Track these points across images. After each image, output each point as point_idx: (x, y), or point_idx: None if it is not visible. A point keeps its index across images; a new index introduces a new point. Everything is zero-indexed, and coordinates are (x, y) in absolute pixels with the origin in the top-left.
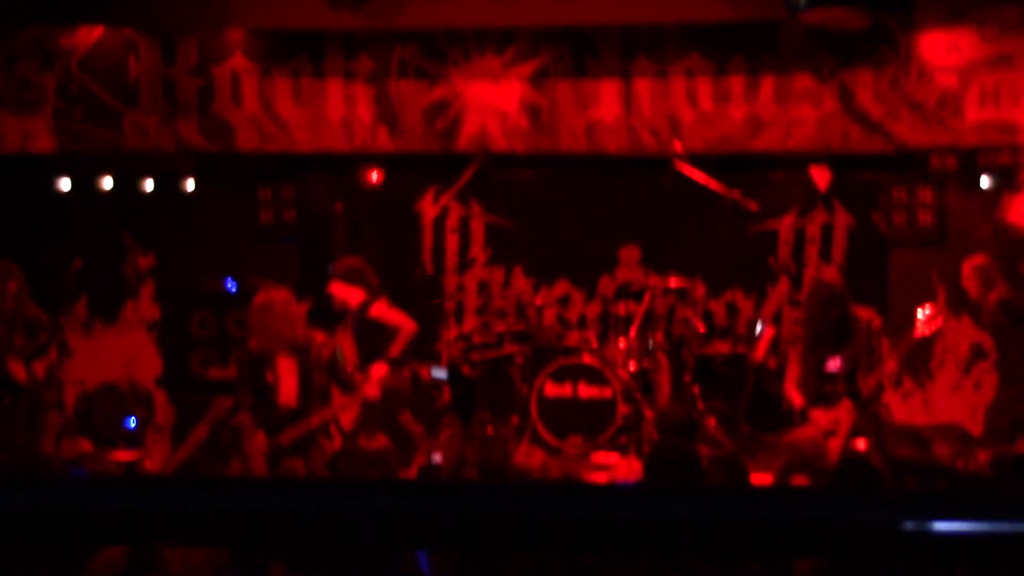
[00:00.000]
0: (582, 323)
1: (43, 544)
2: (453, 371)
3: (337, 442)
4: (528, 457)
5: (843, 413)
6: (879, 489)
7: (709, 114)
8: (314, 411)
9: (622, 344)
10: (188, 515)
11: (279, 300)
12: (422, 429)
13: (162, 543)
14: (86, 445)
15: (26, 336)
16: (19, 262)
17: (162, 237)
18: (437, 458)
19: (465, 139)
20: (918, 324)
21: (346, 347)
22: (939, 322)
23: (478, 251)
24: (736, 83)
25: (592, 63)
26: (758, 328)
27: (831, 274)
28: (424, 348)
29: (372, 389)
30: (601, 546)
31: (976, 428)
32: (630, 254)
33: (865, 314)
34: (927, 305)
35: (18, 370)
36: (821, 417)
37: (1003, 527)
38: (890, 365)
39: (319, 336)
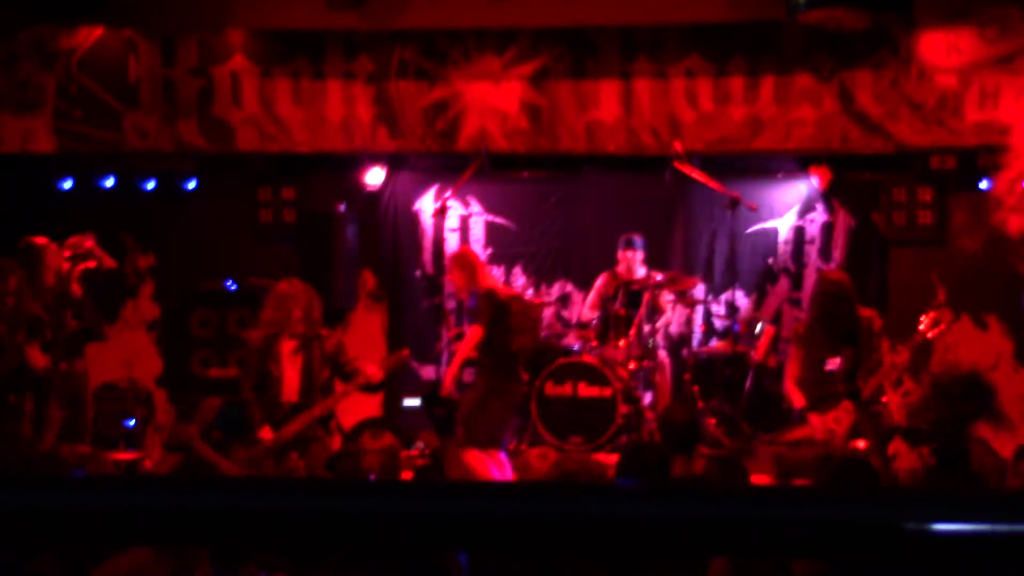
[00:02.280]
0: (581, 323)
1: (43, 544)
2: (429, 397)
3: (337, 440)
4: (542, 460)
5: (843, 413)
6: (879, 489)
7: (709, 114)
8: (316, 403)
9: (622, 344)
10: (188, 515)
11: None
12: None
13: (162, 543)
14: (86, 445)
15: (26, 333)
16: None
17: (162, 237)
18: (420, 444)
19: (465, 139)
20: (923, 326)
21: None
22: (946, 324)
23: (478, 250)
24: (736, 83)
25: (592, 63)
26: (758, 328)
27: (839, 272)
28: (424, 348)
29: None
30: (601, 546)
31: None
32: (630, 254)
33: (866, 314)
34: (933, 310)
35: (36, 356)
36: (821, 418)
37: (1003, 527)
38: (894, 366)
39: (324, 331)
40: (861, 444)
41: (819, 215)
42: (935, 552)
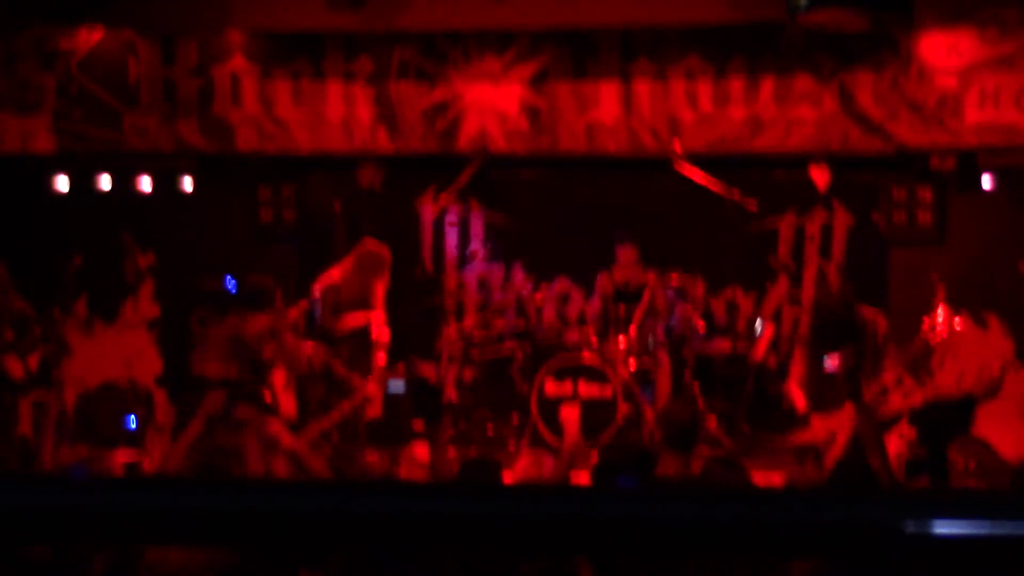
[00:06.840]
0: (581, 321)
1: (43, 544)
2: (414, 381)
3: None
4: (538, 466)
5: (844, 414)
6: (879, 489)
7: (709, 115)
8: (315, 418)
9: (622, 342)
10: (188, 515)
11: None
12: None
13: (162, 543)
14: (86, 446)
15: (15, 332)
16: (19, 262)
17: (162, 237)
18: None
19: (465, 140)
20: (927, 329)
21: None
22: (951, 327)
23: (478, 249)
24: (736, 84)
25: (592, 64)
26: (758, 327)
27: (834, 272)
28: (425, 347)
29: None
30: (601, 546)
31: None
32: (629, 252)
33: (870, 314)
34: (936, 313)
35: (15, 366)
36: (823, 418)
37: (1003, 528)
38: (894, 369)
39: (308, 346)
40: (861, 445)
41: (819, 215)
42: (935, 552)
